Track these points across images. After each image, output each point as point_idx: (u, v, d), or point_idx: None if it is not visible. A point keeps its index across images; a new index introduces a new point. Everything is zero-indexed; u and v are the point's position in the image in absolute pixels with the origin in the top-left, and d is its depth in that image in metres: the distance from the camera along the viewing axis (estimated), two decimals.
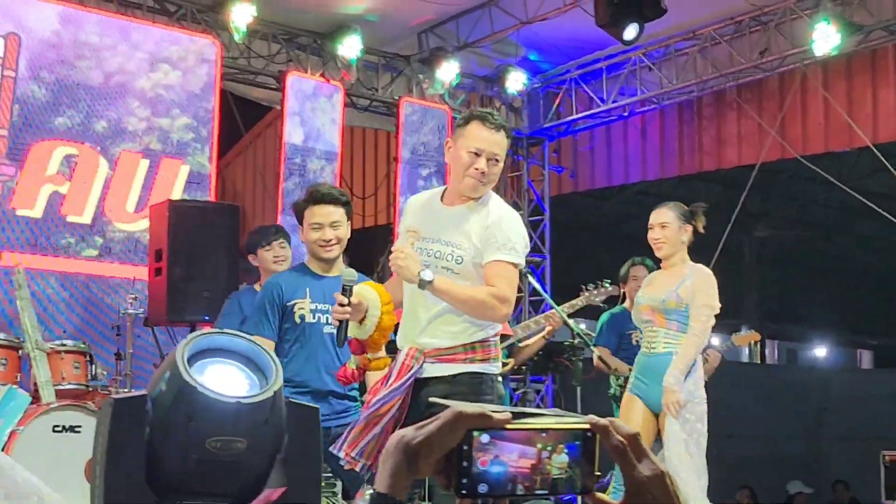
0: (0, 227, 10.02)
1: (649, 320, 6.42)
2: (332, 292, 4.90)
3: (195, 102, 11.28)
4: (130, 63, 10.93)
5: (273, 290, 5.38)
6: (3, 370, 7.68)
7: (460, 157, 4.44)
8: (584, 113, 13.77)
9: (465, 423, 1.37)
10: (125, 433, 2.99)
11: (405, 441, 1.39)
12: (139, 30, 11.05)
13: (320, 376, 5.27)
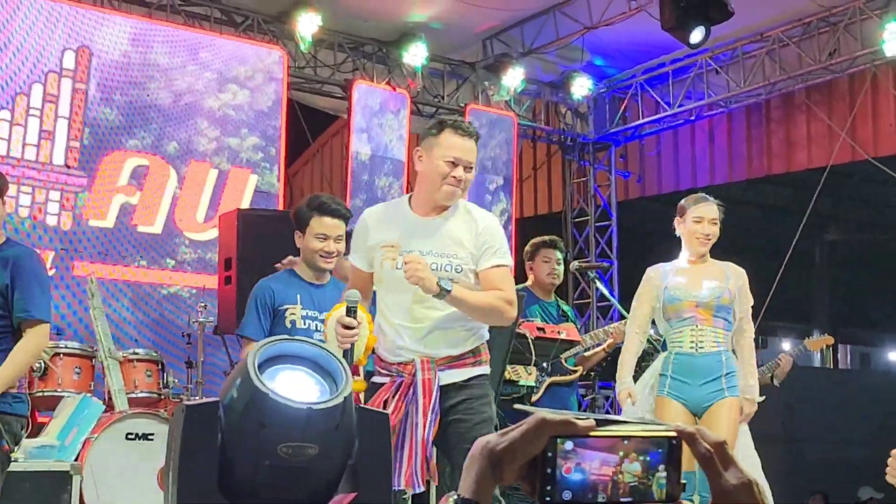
0: (72, 238, 10.16)
1: (691, 317, 6.01)
2: (321, 301, 5.20)
3: (263, 120, 11.39)
4: (199, 83, 11.06)
5: (265, 292, 5.42)
6: (78, 379, 7.78)
7: (437, 167, 4.45)
8: (650, 117, 13.71)
9: (549, 430, 1.37)
10: (198, 439, 3.02)
11: (489, 447, 1.40)
12: (207, 48, 11.17)
13: None
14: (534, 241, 7.62)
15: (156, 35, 10.88)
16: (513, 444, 1.38)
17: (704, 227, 6.07)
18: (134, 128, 10.65)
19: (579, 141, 14.37)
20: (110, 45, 10.59)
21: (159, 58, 10.85)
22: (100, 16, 10.63)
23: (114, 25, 10.66)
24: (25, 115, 10.10)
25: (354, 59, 12.50)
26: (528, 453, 1.38)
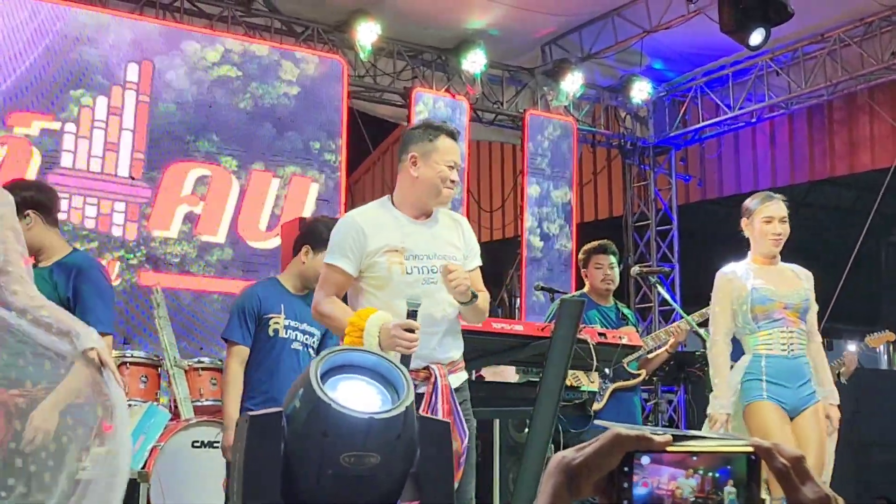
0: (137, 249, 10.29)
1: (781, 319, 5.88)
2: (301, 311, 5.42)
3: (324, 129, 11.48)
4: (260, 93, 11.18)
5: (251, 300, 5.59)
6: (144, 388, 7.86)
7: (438, 171, 4.50)
8: (710, 120, 13.64)
9: (624, 445, 1.37)
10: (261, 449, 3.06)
11: (565, 462, 1.40)
12: (268, 59, 11.28)
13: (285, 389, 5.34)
14: (586, 248, 7.61)
15: (217, 46, 11.01)
16: (588, 459, 1.38)
17: (775, 227, 5.96)
18: (196, 138, 10.79)
19: (639, 145, 14.33)
20: (172, 58, 10.74)
21: (220, 69, 10.98)
22: (162, 29, 10.78)
23: (176, 38, 10.80)
24: (90, 127, 10.26)
25: (414, 67, 12.56)
26: (603, 468, 1.38)
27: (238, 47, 11.13)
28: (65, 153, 10.11)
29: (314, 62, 11.54)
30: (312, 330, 5.61)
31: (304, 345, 5.61)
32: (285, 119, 11.31)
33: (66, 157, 10.11)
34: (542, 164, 13.05)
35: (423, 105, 12.21)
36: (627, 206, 14.50)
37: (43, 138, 10.00)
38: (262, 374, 5.56)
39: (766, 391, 5.77)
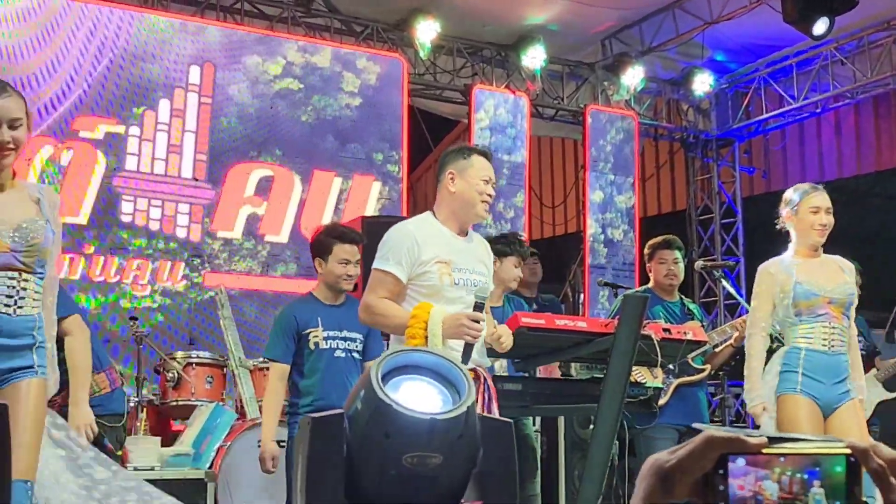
0: (202, 249, 10.38)
1: (825, 314, 5.74)
2: (339, 319, 5.74)
3: (385, 127, 11.52)
4: (321, 93, 11.25)
5: (288, 320, 5.86)
6: (210, 388, 7.94)
7: (475, 185, 4.71)
8: (774, 111, 13.49)
9: (717, 447, 1.37)
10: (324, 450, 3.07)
11: (658, 464, 1.40)
12: (328, 59, 11.36)
13: (338, 396, 5.57)
14: (650, 243, 7.53)
15: (277, 47, 11.08)
16: (681, 461, 1.38)
17: (822, 217, 5.80)
18: (258, 139, 10.87)
19: (702, 138, 14.22)
20: (233, 59, 10.82)
21: (282, 82, 11.05)
22: (223, 31, 10.86)
23: (236, 39, 10.88)
24: (154, 130, 10.36)
25: (473, 64, 12.56)
26: (697, 470, 1.38)
27: (299, 59, 11.20)
28: (129, 156, 10.23)
29: (375, 72, 11.57)
30: (353, 335, 5.83)
31: (347, 350, 5.82)
32: (347, 130, 11.37)
33: (130, 160, 10.22)
34: (603, 159, 12.99)
35: (482, 102, 12.20)
36: (691, 199, 14.39)
37: (108, 142, 10.11)
38: (310, 381, 5.78)
39: (800, 384, 5.67)
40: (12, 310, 3.97)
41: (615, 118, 13.15)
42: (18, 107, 4.05)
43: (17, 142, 4.02)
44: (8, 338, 3.97)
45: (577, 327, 5.76)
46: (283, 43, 11.18)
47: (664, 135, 14.36)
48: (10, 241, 3.97)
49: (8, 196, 4.08)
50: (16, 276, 3.98)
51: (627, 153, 13.15)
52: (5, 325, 3.96)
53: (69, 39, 10.04)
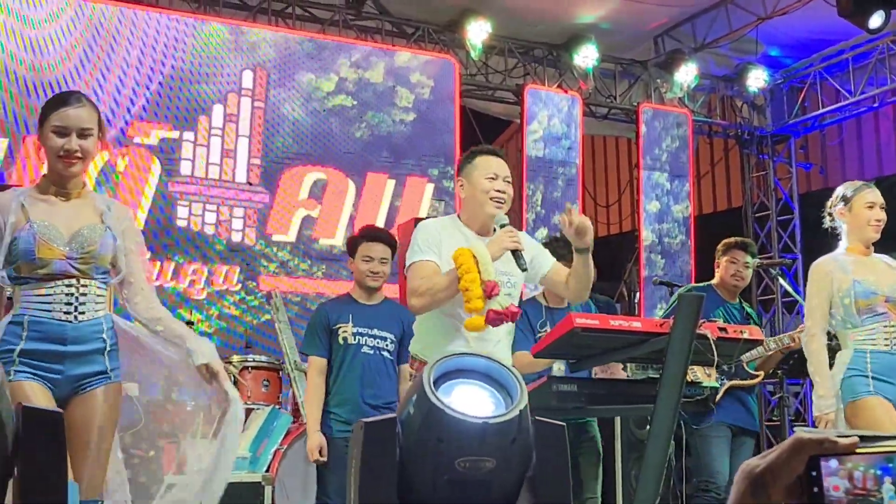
0: (257, 253, 10.44)
1: (884, 313, 5.61)
2: (371, 317, 5.93)
3: (437, 128, 11.53)
4: (373, 94, 11.30)
5: (320, 316, 6.09)
6: (266, 391, 7.97)
7: (480, 185, 4.76)
8: (831, 106, 13.35)
9: (808, 449, 1.39)
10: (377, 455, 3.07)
11: (748, 469, 1.44)
12: (380, 60, 11.39)
13: (361, 390, 5.88)
14: (726, 241, 7.46)
15: (329, 50, 11.12)
16: (771, 465, 1.41)
17: (877, 213, 5.72)
18: (312, 142, 10.91)
19: (757, 134, 14.10)
20: (286, 63, 10.87)
21: (334, 86, 11.10)
22: (275, 35, 10.92)
23: (288, 43, 10.93)
24: (208, 135, 10.43)
25: (525, 64, 12.54)
26: (789, 473, 1.40)
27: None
28: (184, 161, 10.31)
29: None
30: (384, 334, 5.97)
31: (376, 348, 5.96)
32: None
33: (185, 165, 10.30)
34: (657, 158, 12.92)
35: (534, 101, 12.17)
36: (746, 196, 14.26)
37: (163, 147, 10.20)
38: (336, 377, 5.97)
39: (872, 387, 5.51)
40: (73, 317, 4.02)
41: (669, 116, 13.07)
42: (90, 117, 4.12)
43: (85, 151, 4.08)
44: (76, 344, 4.02)
45: (632, 327, 5.70)
46: (336, 59, 11.19)
47: (718, 132, 14.26)
48: (66, 248, 4.03)
49: (71, 204, 4.15)
50: (74, 283, 4.03)
51: (681, 151, 13.06)
52: (70, 332, 4.01)
53: (126, 49, 10.13)
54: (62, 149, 4.05)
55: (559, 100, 12.35)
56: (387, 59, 11.51)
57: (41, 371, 3.95)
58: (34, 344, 3.95)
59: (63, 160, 4.06)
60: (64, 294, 4.01)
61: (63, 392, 4.01)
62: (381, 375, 5.88)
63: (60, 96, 4.22)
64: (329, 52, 11.21)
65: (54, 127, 4.06)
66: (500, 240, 4.52)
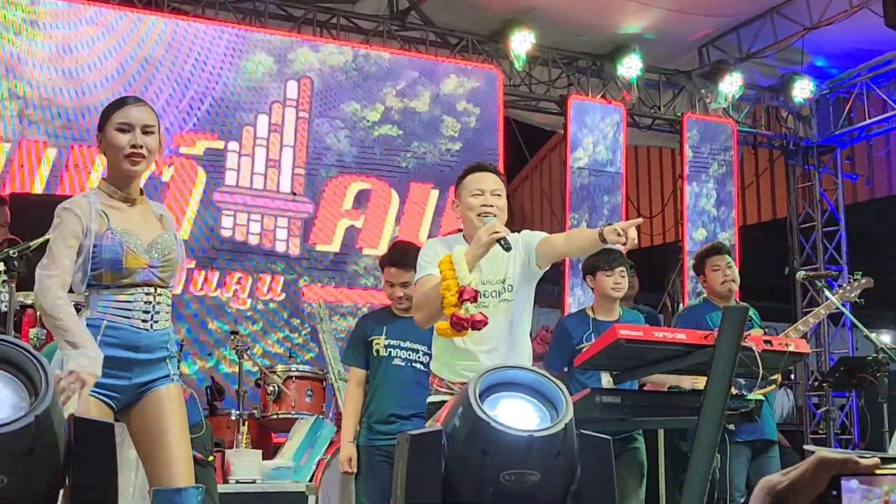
0: (301, 263, 10.48)
1: None
2: (405, 330, 5.92)
3: (481, 138, 11.53)
4: (417, 105, 11.29)
5: (359, 327, 6.28)
6: (310, 401, 8.00)
7: (467, 202, 4.78)
8: (878, 117, 13.24)
9: (830, 469, 1.40)
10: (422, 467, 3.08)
11: (770, 485, 1.44)
12: (424, 71, 11.41)
13: (389, 402, 5.97)
14: (699, 254, 7.45)
15: (372, 61, 11.15)
16: (793, 482, 1.42)
17: None
18: (355, 152, 10.94)
19: (802, 145, 14.01)
20: (330, 73, 10.92)
21: (377, 83, 11.12)
22: (318, 45, 10.97)
23: (332, 54, 10.97)
24: (252, 145, 10.50)
25: (569, 75, 12.53)
26: (810, 492, 1.41)
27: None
28: (228, 171, 10.37)
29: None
30: (416, 346, 6.00)
31: (407, 360, 6.01)
32: (442, 131, 11.38)
33: (229, 175, 10.36)
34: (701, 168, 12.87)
35: (578, 111, 12.16)
36: (792, 207, 14.17)
37: (207, 157, 10.27)
38: (370, 389, 6.08)
39: None
40: (149, 325, 4.06)
41: (713, 126, 13.01)
42: (150, 116, 4.18)
43: (149, 149, 4.11)
44: (146, 352, 4.06)
45: (676, 339, 5.68)
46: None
47: (763, 142, 14.18)
48: (147, 257, 4.06)
49: (138, 210, 4.19)
50: (152, 292, 4.07)
51: (726, 162, 13.00)
52: (144, 340, 4.05)
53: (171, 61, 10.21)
54: (129, 145, 4.06)
55: (602, 110, 12.31)
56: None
57: (108, 378, 3.97)
58: (108, 350, 3.96)
59: (129, 158, 4.07)
60: (143, 302, 4.05)
61: (128, 398, 4.05)
62: (413, 386, 5.87)
63: (120, 99, 4.27)
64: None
65: (118, 125, 4.09)
66: (479, 237, 4.50)
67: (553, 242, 4.75)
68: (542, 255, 4.74)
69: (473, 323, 4.33)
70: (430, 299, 4.55)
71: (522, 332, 4.81)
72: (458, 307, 4.32)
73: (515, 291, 4.72)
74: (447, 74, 11.56)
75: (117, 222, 4.06)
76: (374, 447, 5.93)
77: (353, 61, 11.09)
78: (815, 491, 1.40)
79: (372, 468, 5.93)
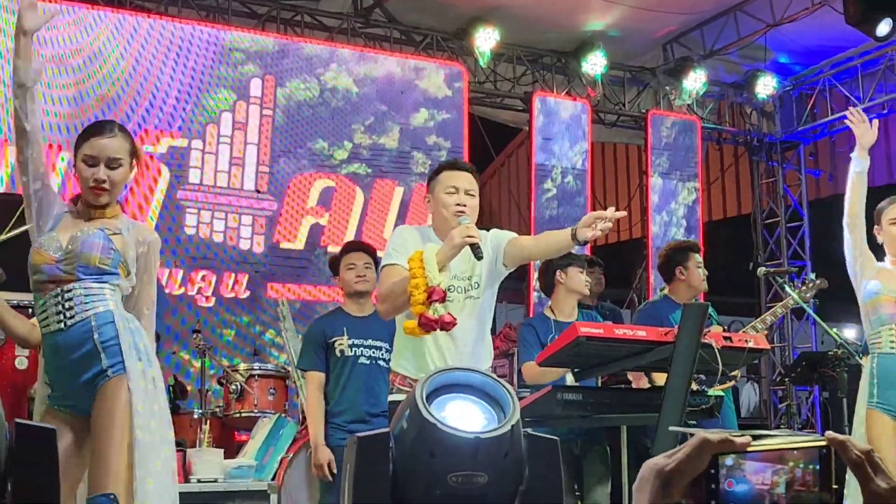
0: (265, 261, 10.46)
1: (893, 314, 5.63)
2: (365, 329, 6.12)
3: (446, 135, 11.51)
4: (380, 103, 11.29)
5: (316, 332, 6.32)
6: (272, 399, 7.99)
7: (441, 200, 4.77)
8: (840, 113, 13.28)
9: (711, 448, 1.47)
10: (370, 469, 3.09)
11: (658, 468, 1.49)
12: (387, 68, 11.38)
13: (361, 400, 6.07)
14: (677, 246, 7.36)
15: (336, 58, 11.13)
16: (680, 464, 1.48)
17: None
18: (320, 150, 10.92)
19: (766, 141, 14.09)
20: (293, 71, 10.89)
21: (340, 80, 11.10)
22: (282, 43, 10.94)
23: (296, 52, 10.95)
24: (216, 143, 10.46)
25: (534, 72, 12.55)
26: (693, 471, 1.48)
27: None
28: (192, 169, 10.33)
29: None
30: (378, 343, 6.13)
31: (372, 358, 6.13)
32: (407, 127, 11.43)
33: (193, 174, 10.33)
34: (665, 164, 12.91)
35: (543, 109, 12.18)
36: (756, 203, 14.26)
37: (171, 155, 10.22)
38: (336, 389, 6.16)
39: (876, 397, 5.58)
40: (64, 323, 4.03)
41: (677, 123, 13.06)
42: (120, 147, 4.18)
43: (113, 182, 4.14)
44: (69, 352, 4.02)
45: (637, 336, 5.71)
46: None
47: (728, 139, 14.25)
48: (57, 252, 4.06)
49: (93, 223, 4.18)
50: (60, 291, 4.04)
51: (690, 158, 13.05)
52: (62, 341, 4.02)
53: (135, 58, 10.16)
54: (91, 178, 4.11)
55: (567, 107, 12.33)
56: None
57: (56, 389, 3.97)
58: (49, 361, 4.01)
59: (92, 190, 4.13)
60: (54, 303, 4.04)
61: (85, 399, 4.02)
62: (380, 384, 5.97)
63: (94, 126, 4.30)
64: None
65: (84, 156, 4.14)
66: (452, 237, 4.49)
67: (521, 243, 4.75)
68: (509, 255, 4.72)
69: (443, 324, 4.34)
70: (396, 294, 4.54)
71: (486, 329, 4.82)
72: (427, 307, 4.32)
73: (482, 290, 4.72)
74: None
75: (58, 228, 4.12)
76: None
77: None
78: (698, 470, 1.47)
79: None
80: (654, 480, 1.48)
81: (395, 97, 11.44)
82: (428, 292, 4.32)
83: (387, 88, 11.40)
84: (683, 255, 7.17)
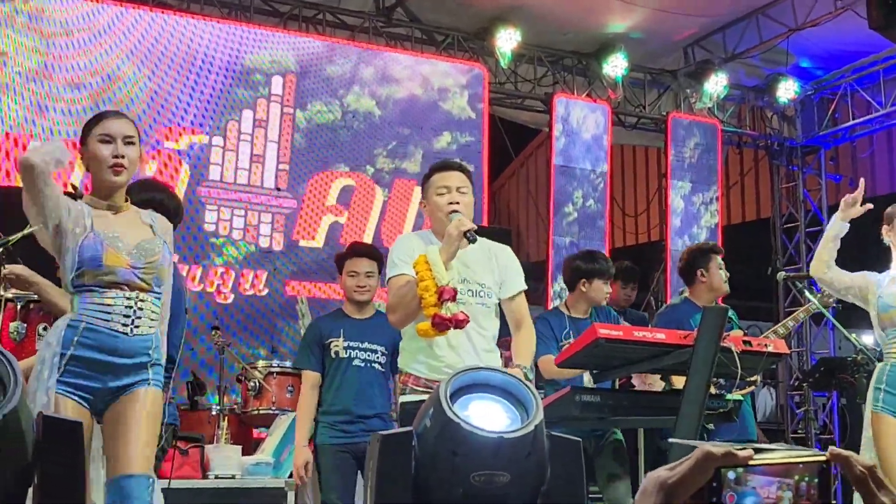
0: (284, 259, 10.47)
1: None
2: (362, 331, 6.16)
3: (466, 136, 11.50)
4: (402, 102, 11.29)
5: (313, 331, 6.37)
6: (290, 397, 7.98)
7: (435, 202, 4.85)
8: (861, 118, 13.28)
9: (714, 461, 1.48)
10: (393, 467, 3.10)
11: (661, 480, 1.50)
12: (409, 68, 11.38)
13: (354, 402, 6.09)
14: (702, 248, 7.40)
15: (359, 57, 11.14)
16: (683, 476, 1.49)
17: None
18: (340, 149, 10.93)
19: (787, 145, 14.04)
20: (315, 70, 10.90)
21: (363, 79, 11.11)
22: (304, 41, 10.95)
23: (318, 49, 10.96)
24: (237, 140, 10.47)
25: (554, 73, 12.54)
26: (696, 484, 1.49)
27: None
28: (212, 166, 10.35)
29: (456, 70, 11.55)
30: (375, 347, 6.18)
31: (367, 361, 6.17)
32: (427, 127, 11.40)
33: (213, 170, 10.34)
34: (686, 168, 12.88)
35: (564, 110, 12.17)
36: (775, 207, 14.21)
37: (191, 152, 10.25)
38: (331, 390, 6.18)
39: (882, 402, 5.63)
40: (129, 329, 4.06)
41: (698, 126, 13.03)
42: (131, 127, 4.26)
43: (130, 160, 4.18)
44: (124, 357, 4.06)
45: (656, 339, 5.72)
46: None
47: (748, 142, 14.21)
48: (129, 257, 4.08)
49: (124, 217, 4.23)
50: (133, 296, 4.08)
51: (711, 161, 13.03)
52: (121, 344, 4.05)
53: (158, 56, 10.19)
54: (111, 156, 4.14)
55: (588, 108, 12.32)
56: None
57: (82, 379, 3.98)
58: (84, 351, 3.99)
59: (112, 169, 4.15)
60: (124, 305, 4.07)
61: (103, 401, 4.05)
62: (374, 387, 6.11)
63: (100, 113, 4.36)
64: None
65: (100, 136, 4.17)
66: (448, 232, 4.54)
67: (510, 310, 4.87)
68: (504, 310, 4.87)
69: (457, 322, 4.36)
70: (406, 301, 4.57)
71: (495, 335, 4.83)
72: (439, 307, 4.33)
73: (491, 298, 4.77)
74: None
75: (101, 227, 4.12)
76: (341, 444, 6.05)
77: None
78: (701, 482, 1.48)
79: (340, 465, 6.04)
80: (657, 493, 1.49)
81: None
82: (438, 292, 4.34)
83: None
84: (705, 257, 7.14)
